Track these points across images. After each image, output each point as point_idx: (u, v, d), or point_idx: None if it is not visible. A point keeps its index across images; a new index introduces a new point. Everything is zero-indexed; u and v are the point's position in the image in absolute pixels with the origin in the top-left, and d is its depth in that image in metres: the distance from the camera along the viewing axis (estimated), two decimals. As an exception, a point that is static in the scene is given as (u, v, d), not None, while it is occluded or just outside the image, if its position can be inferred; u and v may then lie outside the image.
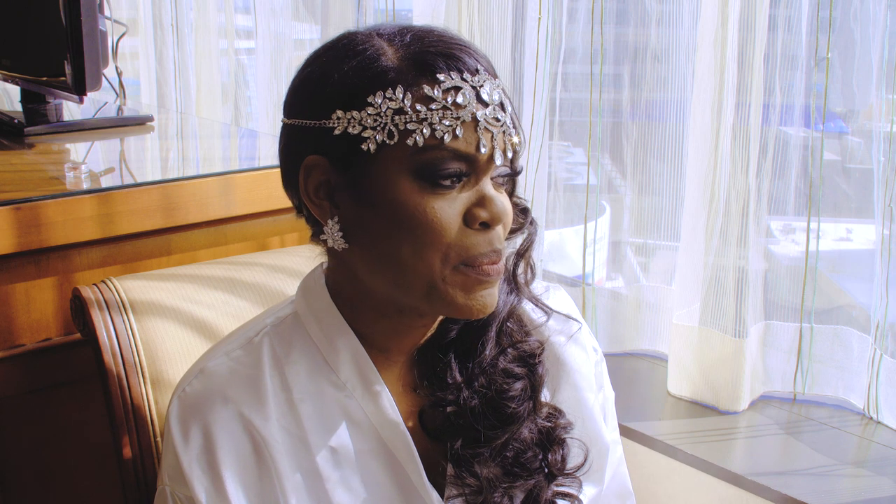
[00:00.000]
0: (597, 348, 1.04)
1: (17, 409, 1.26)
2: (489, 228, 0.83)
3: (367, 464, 0.89)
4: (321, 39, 2.35)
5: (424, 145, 0.80)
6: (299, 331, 0.91)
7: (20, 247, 1.23)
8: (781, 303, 1.58)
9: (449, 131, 0.80)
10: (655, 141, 1.68)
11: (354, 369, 0.89)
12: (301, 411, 0.88)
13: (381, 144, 0.81)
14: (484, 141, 0.81)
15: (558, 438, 0.94)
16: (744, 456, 1.47)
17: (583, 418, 0.98)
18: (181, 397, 0.88)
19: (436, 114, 0.80)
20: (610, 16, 1.67)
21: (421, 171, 0.81)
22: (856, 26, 1.44)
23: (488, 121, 0.81)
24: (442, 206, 0.81)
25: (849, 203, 1.54)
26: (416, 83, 0.81)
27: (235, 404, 0.86)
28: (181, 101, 2.66)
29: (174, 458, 0.86)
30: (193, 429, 0.86)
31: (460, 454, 0.89)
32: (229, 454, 0.85)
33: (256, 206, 1.45)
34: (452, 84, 0.81)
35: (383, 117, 0.81)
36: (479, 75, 0.82)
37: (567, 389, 0.99)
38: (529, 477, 0.91)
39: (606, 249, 1.86)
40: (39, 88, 1.78)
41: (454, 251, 0.81)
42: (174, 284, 1.18)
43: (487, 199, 0.82)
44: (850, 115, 1.54)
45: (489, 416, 0.89)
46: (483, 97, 0.82)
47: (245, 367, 0.89)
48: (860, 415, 1.53)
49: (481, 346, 0.91)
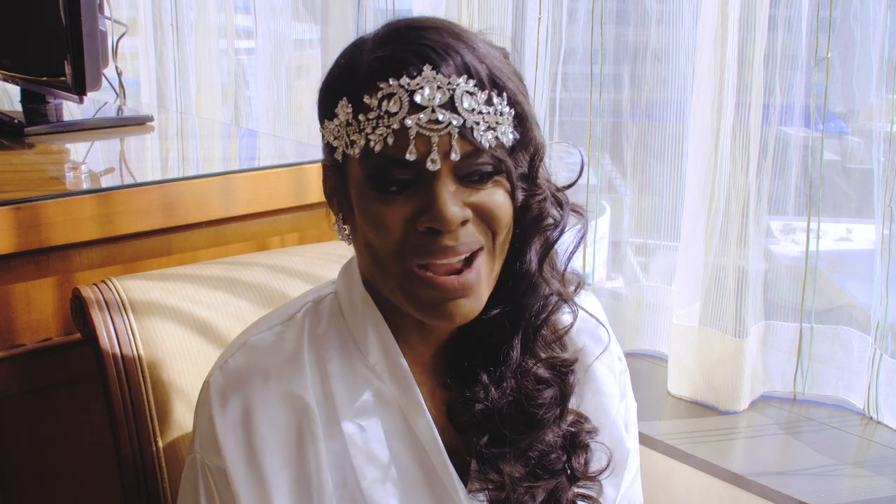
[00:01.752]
0: (622, 358, 1.04)
1: (17, 409, 1.26)
2: (440, 233, 0.82)
3: (394, 445, 0.90)
4: (321, 39, 2.36)
5: (363, 154, 0.82)
6: (336, 311, 0.93)
7: (20, 247, 1.23)
8: (781, 303, 1.58)
9: (380, 141, 0.81)
10: (655, 141, 1.68)
11: (383, 353, 0.91)
12: (334, 388, 0.90)
13: (343, 154, 0.85)
14: (412, 147, 0.80)
15: (583, 443, 0.95)
16: (744, 456, 1.47)
17: (605, 425, 0.99)
18: (223, 369, 0.90)
19: (370, 123, 0.81)
20: (610, 16, 1.67)
21: (368, 178, 0.83)
22: (856, 26, 1.44)
23: (422, 125, 0.80)
24: (386, 212, 0.82)
25: (849, 203, 1.54)
26: (361, 93, 0.82)
27: (277, 379, 0.88)
28: (181, 101, 2.65)
29: (209, 427, 0.87)
30: (233, 400, 0.87)
31: (484, 452, 0.90)
32: (268, 429, 0.87)
33: (256, 206, 1.45)
34: (387, 92, 0.81)
35: (341, 129, 0.84)
36: (423, 76, 0.80)
37: (592, 396, 0.99)
38: (552, 478, 0.92)
39: (606, 249, 1.86)
40: (39, 88, 1.78)
41: (402, 254, 0.83)
42: (174, 284, 1.18)
43: (431, 202, 0.81)
44: (850, 115, 1.54)
45: (516, 420, 0.90)
46: (417, 101, 0.80)
47: (286, 342, 0.91)
48: (860, 415, 1.53)
49: (507, 349, 0.91)
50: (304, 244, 1.46)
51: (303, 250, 1.34)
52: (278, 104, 2.39)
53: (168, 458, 1.10)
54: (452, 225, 0.81)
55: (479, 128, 0.81)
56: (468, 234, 0.83)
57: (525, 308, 0.91)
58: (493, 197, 0.84)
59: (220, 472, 0.87)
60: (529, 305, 0.91)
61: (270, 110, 2.40)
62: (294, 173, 1.48)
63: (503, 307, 0.90)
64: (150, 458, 1.09)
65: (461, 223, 0.82)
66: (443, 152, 0.81)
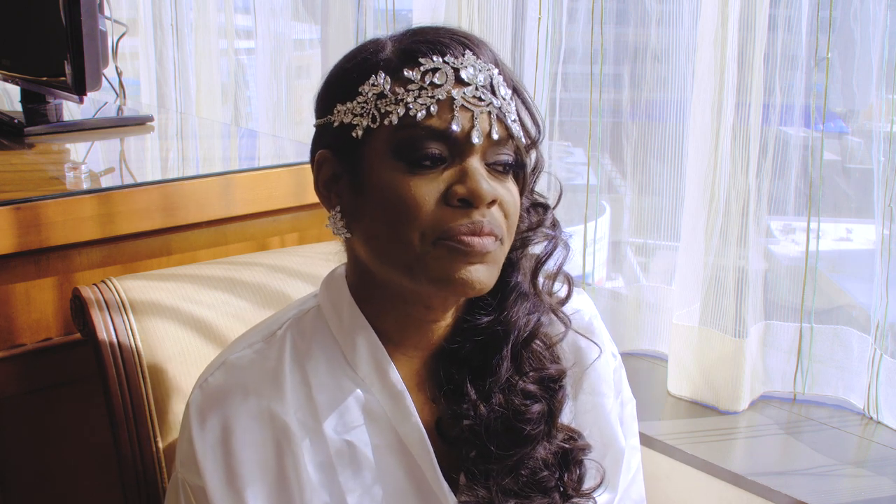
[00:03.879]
0: (616, 354, 1.04)
1: (17, 409, 1.26)
2: (471, 207, 0.82)
3: (383, 459, 0.89)
4: (321, 39, 2.36)
5: (400, 124, 0.82)
6: (320, 325, 0.92)
7: (20, 247, 1.23)
8: (781, 303, 1.58)
9: (423, 109, 0.81)
10: (655, 141, 1.68)
11: (372, 365, 0.90)
12: (319, 405, 0.89)
13: (366, 129, 0.84)
14: (458, 118, 0.81)
15: (576, 460, 0.94)
16: (744, 456, 1.47)
17: (599, 423, 0.99)
18: (203, 387, 0.89)
19: (412, 93, 0.82)
20: (610, 16, 1.67)
21: (399, 151, 0.82)
22: (856, 26, 1.44)
23: (467, 99, 0.82)
24: (419, 184, 0.82)
25: (849, 203, 1.54)
26: (398, 68, 0.83)
27: (256, 397, 0.87)
28: (181, 101, 2.65)
29: (189, 446, 0.87)
30: (212, 419, 0.87)
31: (472, 467, 0.89)
32: (247, 448, 0.86)
33: (256, 206, 1.45)
34: (431, 66, 0.83)
35: (369, 103, 0.84)
36: (465, 58, 0.83)
37: (586, 393, 0.99)
38: (544, 496, 0.91)
39: (606, 249, 1.86)
40: (39, 88, 1.78)
41: (430, 228, 0.82)
42: (174, 284, 1.18)
43: (468, 174, 0.82)
44: (850, 115, 1.54)
45: (503, 436, 0.89)
46: (463, 77, 0.82)
47: (266, 360, 0.90)
48: (860, 415, 1.53)
49: (497, 363, 0.90)
50: (304, 244, 1.46)
51: (303, 250, 1.34)
52: (278, 104, 2.39)
53: (168, 458, 1.10)
54: (486, 199, 0.82)
55: (510, 115, 0.84)
56: (494, 216, 0.84)
57: (515, 318, 0.91)
58: (510, 191, 0.86)
59: (200, 491, 0.86)
60: (519, 316, 0.91)
61: (270, 110, 2.40)
62: (294, 173, 1.48)
63: (495, 315, 0.90)
64: (149, 458, 1.09)
65: (491, 202, 0.83)
66: (481, 130, 0.82)
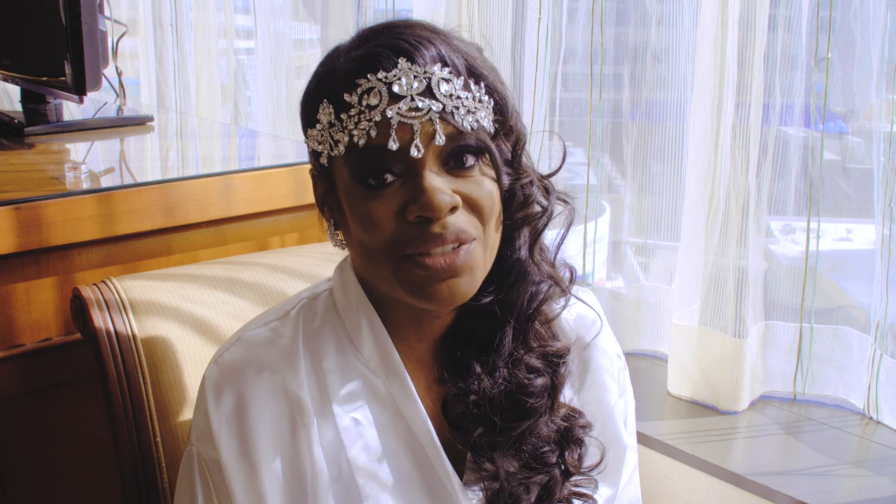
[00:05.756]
0: (620, 355, 1.06)
1: (17, 409, 1.26)
2: (430, 221, 0.82)
3: (388, 438, 0.91)
4: (321, 39, 2.36)
5: (348, 151, 0.83)
6: (330, 308, 0.95)
7: (20, 247, 1.23)
8: (781, 303, 1.58)
9: (363, 135, 0.82)
10: (655, 141, 1.68)
11: (376, 348, 0.92)
12: (328, 382, 0.91)
13: (328, 156, 0.86)
14: (395, 136, 0.81)
15: (576, 438, 0.96)
16: (744, 456, 1.47)
17: (603, 420, 1.00)
18: (218, 363, 0.91)
19: (352, 119, 0.83)
20: (610, 16, 1.67)
21: (354, 175, 0.84)
22: (856, 26, 1.44)
23: (402, 114, 0.81)
24: (377, 206, 0.83)
25: (849, 203, 1.54)
26: (340, 93, 0.84)
27: (271, 372, 0.89)
28: (181, 101, 2.66)
29: (204, 420, 0.89)
30: (227, 393, 0.89)
31: (478, 442, 0.91)
32: (262, 420, 0.88)
33: (256, 206, 1.45)
34: (366, 87, 0.83)
35: (325, 132, 0.86)
36: (398, 69, 0.82)
37: (590, 391, 1.01)
38: (546, 472, 0.93)
39: (606, 249, 1.86)
40: (39, 88, 1.78)
41: (395, 245, 0.84)
42: (174, 284, 1.18)
43: (420, 190, 0.82)
44: (850, 115, 1.54)
45: (507, 408, 0.91)
46: (395, 91, 0.82)
47: (281, 338, 0.92)
48: (860, 415, 1.53)
49: (501, 338, 0.92)
50: (304, 244, 1.46)
51: (303, 250, 1.34)
52: (278, 104, 2.39)
53: (168, 457, 1.10)
54: (441, 212, 0.82)
55: (458, 112, 0.83)
56: (457, 221, 0.84)
57: (517, 296, 0.92)
58: (479, 184, 0.85)
59: (214, 464, 0.88)
60: (521, 293, 0.92)
61: (270, 110, 2.40)
62: (294, 173, 1.48)
63: (495, 295, 0.91)
64: (149, 457, 1.09)
65: (450, 210, 0.83)
66: (427, 139, 0.82)
